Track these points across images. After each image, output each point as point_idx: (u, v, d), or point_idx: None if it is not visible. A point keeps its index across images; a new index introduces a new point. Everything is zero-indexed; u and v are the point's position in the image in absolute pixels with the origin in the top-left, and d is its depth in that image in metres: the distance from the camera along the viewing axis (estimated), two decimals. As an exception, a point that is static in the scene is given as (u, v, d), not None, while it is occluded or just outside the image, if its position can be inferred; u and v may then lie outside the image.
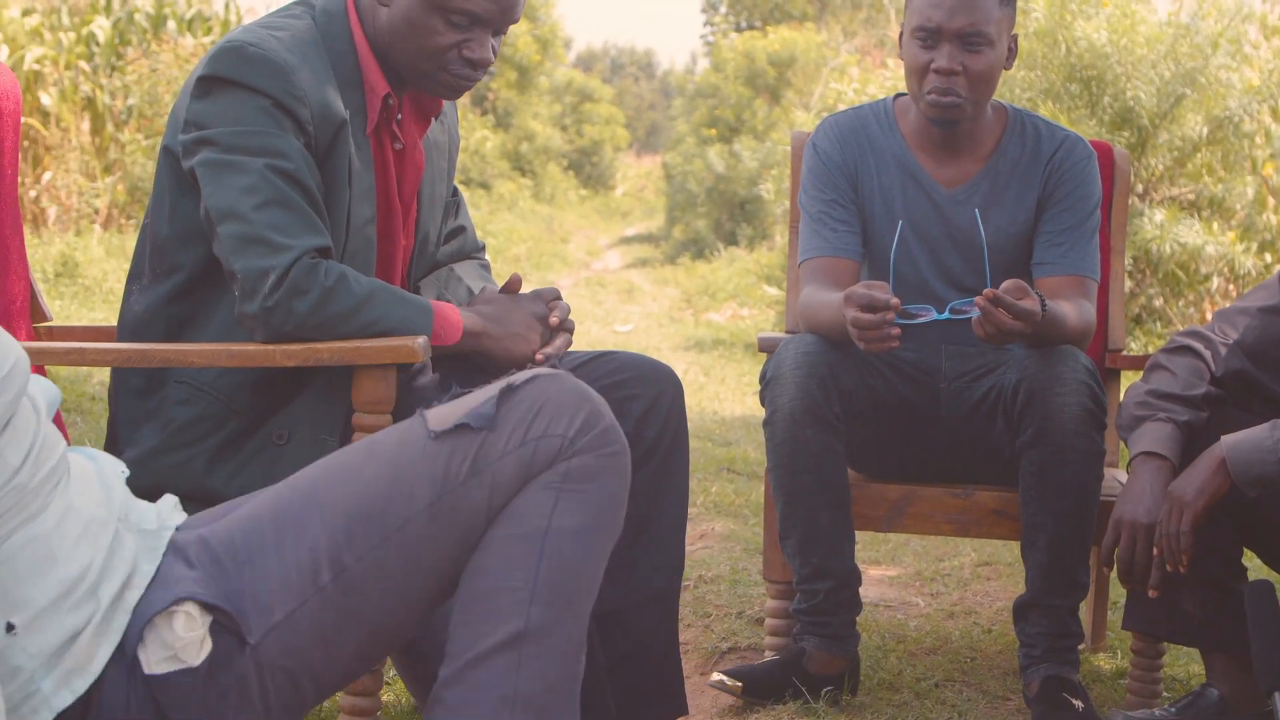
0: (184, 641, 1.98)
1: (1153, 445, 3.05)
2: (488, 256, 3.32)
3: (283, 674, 2.05)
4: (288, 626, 2.03)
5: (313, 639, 2.05)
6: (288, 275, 2.63)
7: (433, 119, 3.00)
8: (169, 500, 2.20)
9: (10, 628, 1.90)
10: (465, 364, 2.88)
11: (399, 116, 2.90)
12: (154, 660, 1.99)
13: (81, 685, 1.95)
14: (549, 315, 2.91)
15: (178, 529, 2.12)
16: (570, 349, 2.94)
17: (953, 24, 3.34)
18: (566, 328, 2.93)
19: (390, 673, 3.39)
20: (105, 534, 2.03)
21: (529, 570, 2.07)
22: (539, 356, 2.87)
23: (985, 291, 3.06)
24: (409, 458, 2.11)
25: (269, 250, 2.63)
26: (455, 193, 3.23)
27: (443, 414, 2.14)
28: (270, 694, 2.05)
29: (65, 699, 1.94)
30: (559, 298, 2.97)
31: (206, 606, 2.01)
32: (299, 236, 2.65)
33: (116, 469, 2.16)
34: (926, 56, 3.38)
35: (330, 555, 2.05)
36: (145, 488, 2.43)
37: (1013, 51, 3.46)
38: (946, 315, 3.20)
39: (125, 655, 1.99)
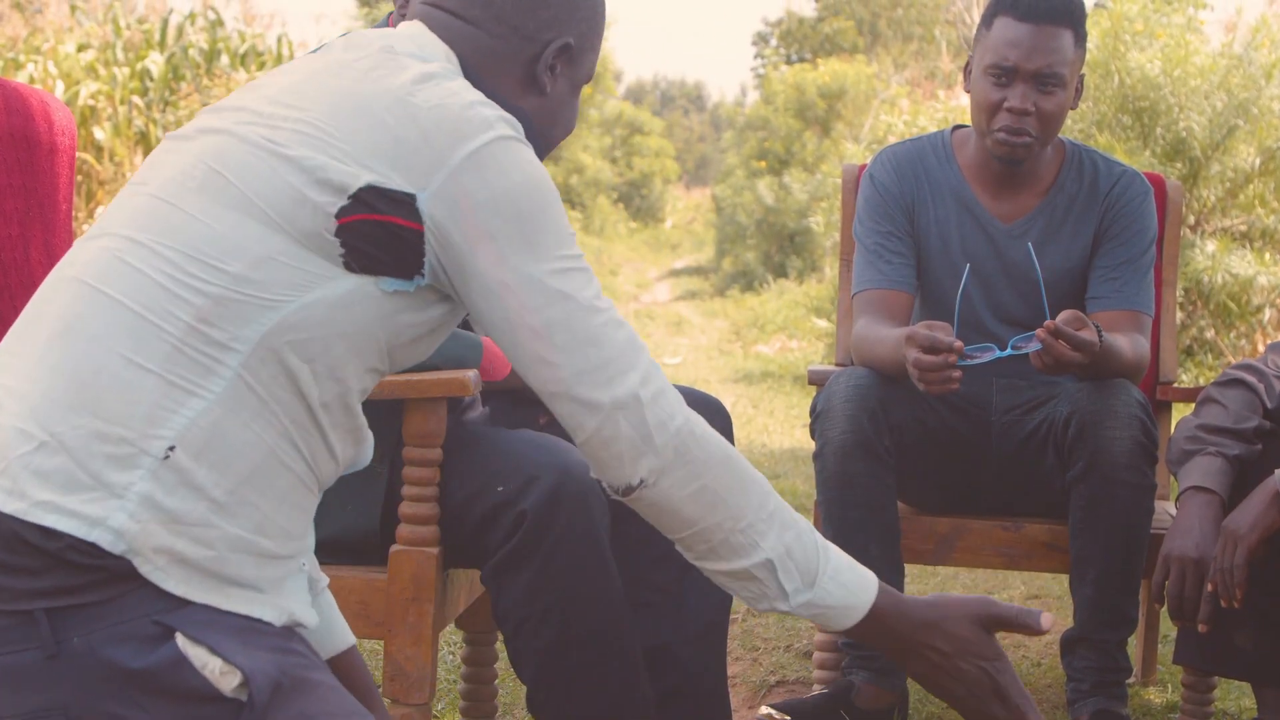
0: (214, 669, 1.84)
1: (1202, 480, 3.04)
2: None
3: None
4: None
5: None
6: None
7: None
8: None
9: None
10: (515, 399, 2.89)
11: None
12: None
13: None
14: None
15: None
16: None
17: (1030, 64, 3.34)
18: None
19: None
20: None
21: None
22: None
23: (1046, 324, 3.05)
24: None
25: None
26: None
27: None
28: None
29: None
30: None
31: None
32: None
33: None
34: (999, 94, 3.37)
35: None
36: None
37: (1079, 91, 3.45)
38: (1008, 353, 3.18)
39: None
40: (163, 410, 1.83)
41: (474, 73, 2.12)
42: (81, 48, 13.85)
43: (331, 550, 2.68)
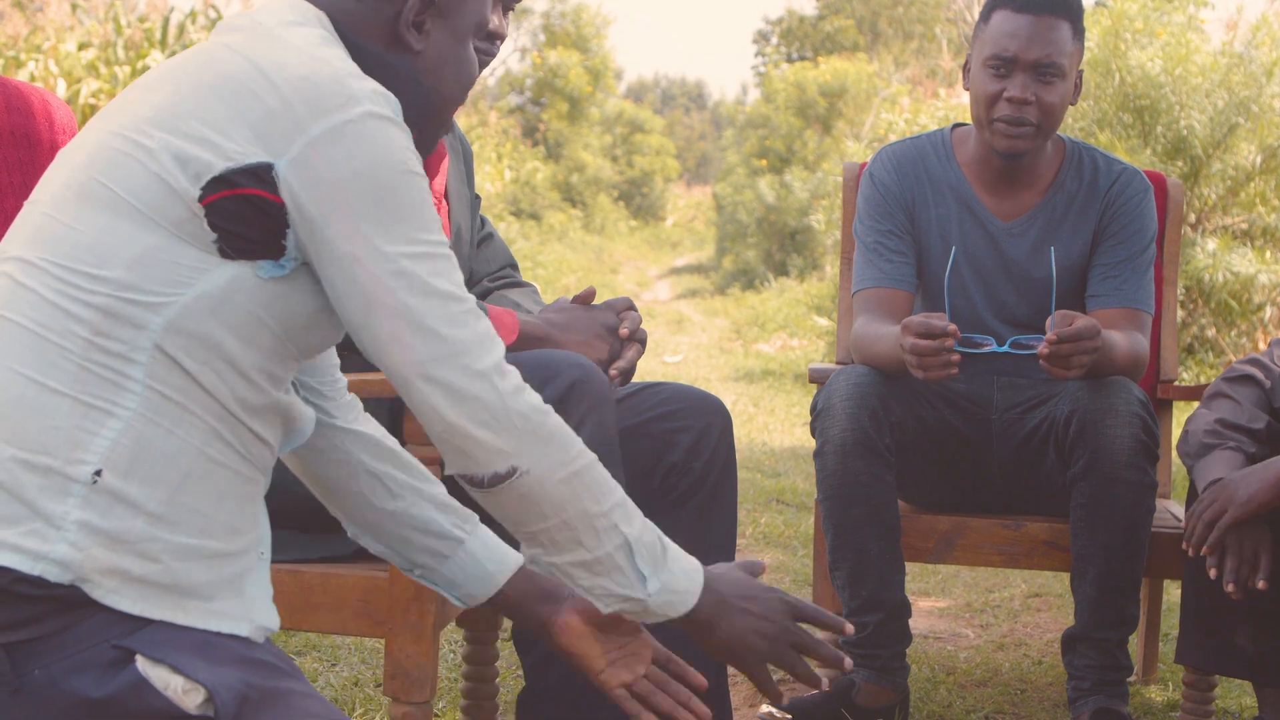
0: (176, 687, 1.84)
1: (1226, 474, 3.01)
2: (536, 285, 3.30)
3: None
4: None
5: None
6: None
7: None
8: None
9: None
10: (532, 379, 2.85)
11: None
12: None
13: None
14: (619, 325, 2.90)
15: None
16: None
17: (1029, 54, 3.35)
18: (638, 338, 2.88)
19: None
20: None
21: None
22: (612, 373, 2.84)
23: (1048, 337, 3.05)
24: None
25: None
26: (477, 197, 3.23)
27: None
28: None
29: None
30: (631, 308, 2.93)
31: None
32: None
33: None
34: (999, 86, 3.38)
35: None
36: None
37: (1078, 87, 3.46)
38: (1006, 348, 3.19)
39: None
40: (83, 434, 1.82)
41: (347, 36, 2.07)
42: (82, 46, 13.86)
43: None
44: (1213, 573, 2.94)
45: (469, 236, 3.08)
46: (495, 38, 2.86)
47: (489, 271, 3.16)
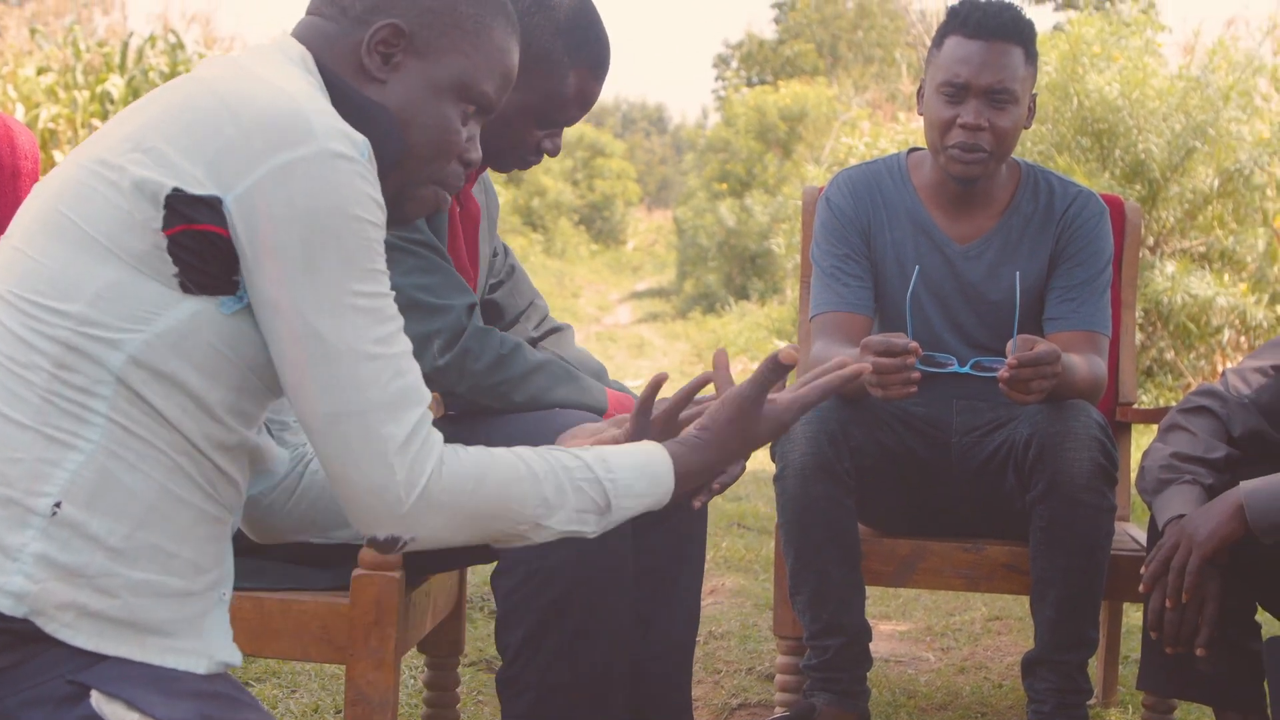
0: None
1: (1185, 509, 3.00)
2: (571, 326, 3.28)
3: None
4: None
5: None
6: (459, 337, 2.66)
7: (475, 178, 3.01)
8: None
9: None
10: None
11: None
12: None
13: None
14: None
15: None
16: None
17: (981, 80, 3.37)
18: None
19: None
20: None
21: None
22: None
23: (1008, 362, 3.07)
24: None
25: (428, 313, 2.65)
26: (498, 251, 3.20)
27: None
28: None
29: None
30: None
31: None
32: (451, 296, 2.68)
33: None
34: (952, 112, 3.40)
35: None
36: None
37: (1032, 111, 3.48)
38: (968, 369, 3.21)
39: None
40: (44, 465, 1.79)
41: (324, 66, 2.04)
42: (41, 71, 13.81)
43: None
44: (1200, 652, 2.93)
45: (483, 293, 3.09)
46: (542, 153, 2.87)
47: (519, 308, 3.18)
